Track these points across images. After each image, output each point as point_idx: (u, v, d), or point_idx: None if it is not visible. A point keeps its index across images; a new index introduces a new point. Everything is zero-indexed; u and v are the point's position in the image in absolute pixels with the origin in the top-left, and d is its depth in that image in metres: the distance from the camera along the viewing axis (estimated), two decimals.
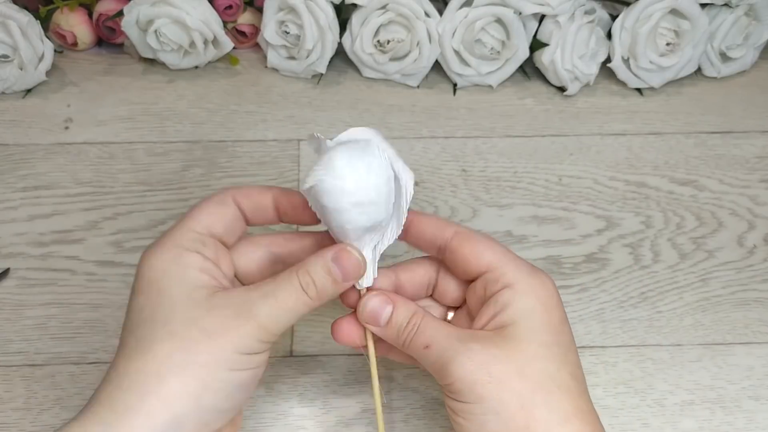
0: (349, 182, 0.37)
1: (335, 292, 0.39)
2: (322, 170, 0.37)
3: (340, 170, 0.37)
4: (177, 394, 0.35)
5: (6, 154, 0.62)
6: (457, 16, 0.64)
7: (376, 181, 0.38)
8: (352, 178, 0.37)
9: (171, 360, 0.36)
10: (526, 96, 0.68)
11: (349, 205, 0.38)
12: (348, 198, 0.37)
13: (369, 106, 0.67)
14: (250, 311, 0.37)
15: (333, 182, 0.37)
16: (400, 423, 0.48)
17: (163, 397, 0.35)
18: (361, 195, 0.38)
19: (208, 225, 0.40)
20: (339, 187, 0.37)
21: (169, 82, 0.68)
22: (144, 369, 0.36)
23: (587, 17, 0.65)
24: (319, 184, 0.37)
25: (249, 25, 0.69)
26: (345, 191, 0.37)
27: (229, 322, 0.37)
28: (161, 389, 0.35)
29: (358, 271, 0.40)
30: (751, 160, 0.63)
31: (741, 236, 0.58)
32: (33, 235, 0.57)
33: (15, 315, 0.53)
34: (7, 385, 0.49)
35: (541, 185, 0.61)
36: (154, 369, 0.35)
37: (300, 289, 0.38)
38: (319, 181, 0.37)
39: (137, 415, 0.35)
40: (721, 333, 0.53)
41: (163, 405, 0.35)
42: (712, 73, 0.69)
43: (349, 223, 0.38)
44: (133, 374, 0.36)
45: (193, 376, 0.36)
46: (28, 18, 0.64)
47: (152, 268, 0.38)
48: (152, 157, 0.62)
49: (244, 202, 0.42)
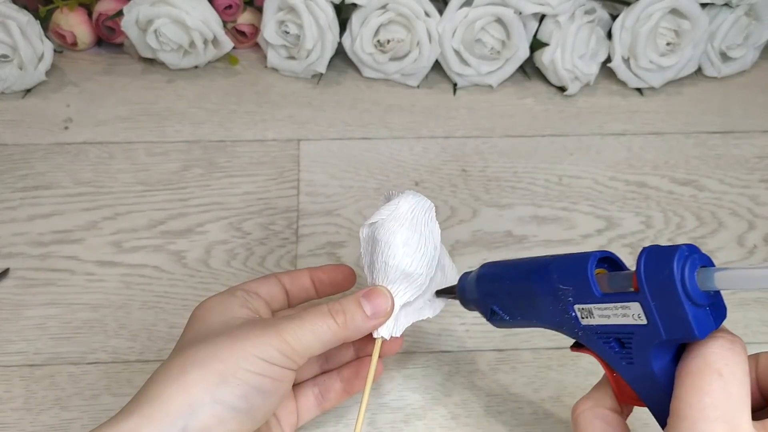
0: (406, 225, 0.42)
1: (362, 325, 0.41)
2: (386, 211, 0.42)
3: (403, 214, 0.42)
4: (195, 382, 0.37)
5: (5, 154, 0.62)
6: (457, 16, 0.64)
7: (427, 235, 0.43)
8: (409, 223, 0.42)
9: (196, 355, 0.38)
10: (526, 96, 0.68)
11: (401, 243, 0.42)
12: (401, 237, 0.42)
13: (369, 105, 0.67)
14: (276, 327, 0.39)
15: (393, 221, 0.42)
16: (400, 423, 0.48)
17: (182, 384, 0.37)
18: (413, 239, 0.42)
19: (253, 286, 0.44)
20: (396, 226, 0.42)
21: (169, 82, 0.68)
22: (171, 365, 0.38)
23: (587, 17, 0.65)
24: (380, 221, 0.42)
25: (249, 25, 0.69)
26: (400, 230, 0.42)
27: (255, 332, 0.39)
28: (181, 378, 0.37)
29: (386, 309, 0.41)
30: (751, 160, 0.63)
31: (741, 236, 0.58)
32: (32, 235, 0.57)
33: (14, 315, 0.53)
34: (7, 385, 0.49)
35: (541, 185, 0.61)
36: (179, 363, 0.38)
37: (327, 314, 0.40)
38: (381, 219, 0.42)
39: (156, 402, 0.37)
40: None
41: (181, 391, 0.37)
42: (712, 73, 0.69)
43: (393, 258, 0.42)
44: (161, 371, 0.38)
45: (213, 369, 0.38)
46: (28, 18, 0.64)
47: (200, 307, 0.43)
48: (152, 157, 0.62)
49: (283, 278, 0.46)
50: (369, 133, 0.65)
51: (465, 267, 0.56)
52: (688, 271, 0.32)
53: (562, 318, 0.37)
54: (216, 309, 0.42)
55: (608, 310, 0.35)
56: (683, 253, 0.32)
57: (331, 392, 0.46)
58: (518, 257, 0.42)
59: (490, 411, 0.48)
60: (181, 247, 0.57)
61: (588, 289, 0.35)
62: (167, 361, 0.39)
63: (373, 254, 0.43)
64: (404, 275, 0.42)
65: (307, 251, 0.56)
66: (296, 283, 0.46)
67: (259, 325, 0.40)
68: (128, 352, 0.51)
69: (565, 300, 0.36)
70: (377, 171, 0.62)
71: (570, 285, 0.36)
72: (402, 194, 0.43)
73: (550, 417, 0.48)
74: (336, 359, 0.47)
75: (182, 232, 0.57)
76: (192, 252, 0.56)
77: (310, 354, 0.40)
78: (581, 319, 0.36)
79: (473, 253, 0.57)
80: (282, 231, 0.58)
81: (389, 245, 0.42)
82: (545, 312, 0.38)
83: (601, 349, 0.36)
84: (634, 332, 0.34)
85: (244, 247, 0.57)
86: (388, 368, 0.50)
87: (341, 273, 0.47)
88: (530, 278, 0.39)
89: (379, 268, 0.42)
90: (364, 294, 0.41)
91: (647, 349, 0.34)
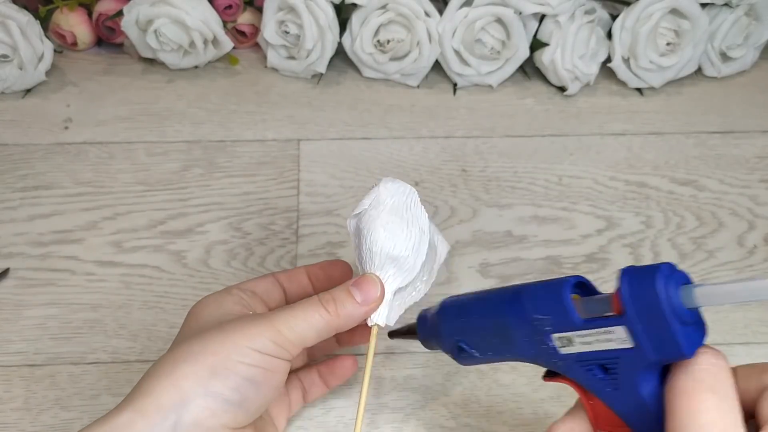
0: (386, 210, 0.42)
1: (354, 312, 0.41)
2: (368, 200, 0.43)
3: (383, 199, 0.42)
4: (186, 375, 0.37)
5: (5, 154, 0.62)
6: (457, 16, 0.64)
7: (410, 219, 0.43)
8: (389, 207, 0.42)
9: (188, 349, 0.39)
10: (526, 96, 0.68)
11: (381, 228, 0.42)
12: (381, 222, 0.42)
13: (369, 106, 0.67)
14: (268, 317, 0.40)
15: (375, 209, 0.42)
16: (400, 423, 0.48)
17: (174, 378, 0.37)
18: (394, 222, 0.42)
19: (250, 285, 0.45)
20: (377, 213, 0.42)
21: (169, 82, 0.68)
22: (165, 359, 0.39)
23: (587, 17, 0.65)
24: (363, 211, 0.43)
25: (249, 25, 0.69)
26: (380, 215, 0.42)
27: (247, 323, 0.39)
28: (173, 373, 0.38)
29: (376, 294, 0.41)
30: (751, 160, 0.63)
31: (741, 236, 0.58)
32: (32, 235, 0.57)
33: (14, 315, 0.53)
34: (7, 385, 0.49)
35: (541, 185, 0.61)
36: (171, 358, 0.39)
37: (318, 303, 0.40)
38: (364, 209, 0.43)
39: (148, 397, 0.37)
40: (721, 333, 0.53)
41: (173, 386, 0.37)
42: (712, 73, 0.69)
43: (376, 244, 0.42)
44: (155, 366, 0.39)
45: (204, 363, 0.38)
46: (28, 18, 0.64)
47: (196, 306, 0.43)
48: (152, 157, 0.62)
49: (281, 276, 0.46)
50: (369, 133, 0.65)
51: (465, 267, 0.56)
52: (672, 290, 0.31)
53: (539, 349, 0.36)
54: (211, 306, 0.42)
55: (590, 336, 0.34)
56: (664, 272, 0.31)
57: (313, 386, 0.46)
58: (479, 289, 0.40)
59: (490, 411, 0.48)
60: (181, 247, 0.57)
61: (567, 317, 0.34)
62: (161, 357, 0.39)
63: (359, 243, 0.43)
64: (390, 259, 0.42)
65: (307, 251, 0.56)
66: (293, 281, 0.46)
67: (250, 318, 0.40)
68: (128, 352, 0.51)
69: (542, 330, 0.35)
70: (377, 171, 0.62)
71: (547, 314, 0.35)
72: (380, 182, 0.43)
73: (550, 417, 0.48)
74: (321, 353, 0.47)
75: (182, 232, 0.57)
76: (192, 252, 0.56)
77: (304, 344, 0.40)
78: (560, 349, 0.35)
79: (473, 253, 0.57)
80: (282, 231, 0.58)
81: (370, 231, 0.42)
82: (520, 344, 0.37)
83: (583, 376, 0.35)
84: (619, 356, 0.33)
85: (244, 247, 0.57)
86: (388, 368, 0.50)
87: (337, 268, 0.47)
88: (502, 310, 0.37)
89: (365, 256, 0.42)
90: (353, 282, 0.42)
91: (634, 372, 0.33)
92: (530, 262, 0.56)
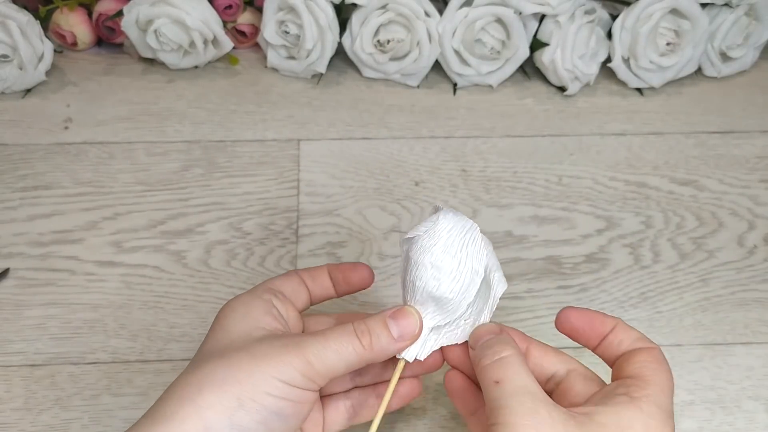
0: (439, 245, 0.39)
1: (388, 346, 0.39)
2: (423, 227, 0.40)
3: (438, 232, 0.40)
4: (211, 405, 0.36)
5: (5, 154, 0.62)
6: (457, 16, 0.64)
7: (464, 258, 0.40)
8: (443, 243, 0.39)
9: (213, 374, 0.37)
10: (526, 96, 0.68)
11: (429, 264, 0.39)
12: (430, 257, 0.39)
13: (369, 106, 0.67)
14: (299, 345, 0.38)
15: (427, 239, 0.40)
16: (400, 423, 0.48)
17: (197, 405, 0.36)
18: (444, 261, 0.39)
19: (278, 285, 0.43)
20: (429, 245, 0.39)
21: (169, 82, 0.68)
22: (188, 380, 0.37)
23: (587, 17, 0.65)
24: (416, 237, 0.40)
25: (249, 25, 0.69)
26: (432, 250, 0.39)
27: (276, 351, 0.37)
28: (197, 398, 0.36)
29: (413, 330, 0.40)
30: (751, 160, 0.63)
31: (741, 236, 0.58)
32: (32, 235, 0.57)
33: (14, 315, 0.53)
34: (7, 385, 0.49)
35: (541, 185, 0.61)
36: (196, 380, 0.37)
37: (353, 334, 0.38)
38: (417, 236, 0.40)
39: (171, 422, 0.36)
40: (721, 333, 0.53)
41: (197, 414, 0.36)
42: (712, 73, 0.69)
43: (420, 279, 0.39)
44: (177, 386, 0.37)
45: (230, 392, 0.36)
46: (28, 18, 0.64)
47: (224, 310, 0.41)
48: (152, 157, 0.62)
49: (305, 275, 0.44)
50: (369, 133, 0.65)
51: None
52: None
53: None
54: (238, 312, 0.40)
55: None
56: None
57: (365, 408, 0.44)
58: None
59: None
60: (181, 247, 0.57)
61: None
62: (184, 374, 0.38)
63: (405, 271, 0.41)
64: (432, 298, 0.40)
65: (307, 251, 0.56)
66: (317, 282, 0.44)
67: (281, 344, 0.38)
68: (128, 352, 0.51)
69: None
70: (377, 171, 0.62)
71: None
72: (441, 211, 0.40)
73: None
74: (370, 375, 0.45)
75: (182, 232, 0.58)
76: (192, 252, 0.56)
77: (333, 376, 0.38)
78: None
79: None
80: (282, 231, 0.58)
81: (417, 265, 0.40)
82: None
83: None
84: None
85: (244, 247, 0.57)
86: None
87: (357, 273, 0.45)
88: None
89: (408, 287, 0.40)
90: (391, 314, 0.40)
91: None
92: (530, 262, 0.56)
